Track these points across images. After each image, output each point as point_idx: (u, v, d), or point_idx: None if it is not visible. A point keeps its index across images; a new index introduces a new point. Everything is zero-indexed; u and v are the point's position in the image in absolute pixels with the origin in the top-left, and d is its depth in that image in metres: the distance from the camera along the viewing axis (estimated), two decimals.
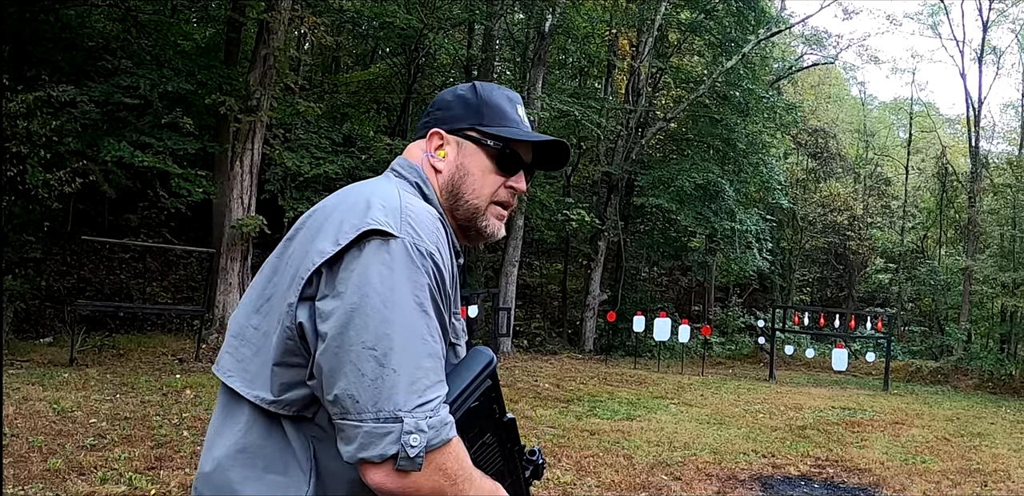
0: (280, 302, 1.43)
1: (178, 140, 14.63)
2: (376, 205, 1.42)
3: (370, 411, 1.29)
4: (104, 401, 8.84)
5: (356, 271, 1.34)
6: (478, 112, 1.67)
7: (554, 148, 1.75)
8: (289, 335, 1.39)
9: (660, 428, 10.35)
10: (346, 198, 1.50)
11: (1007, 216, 25.34)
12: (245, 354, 1.48)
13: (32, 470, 5.92)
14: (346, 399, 1.30)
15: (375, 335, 1.30)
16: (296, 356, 1.39)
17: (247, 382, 1.45)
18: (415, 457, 1.29)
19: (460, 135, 1.66)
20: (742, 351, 26.53)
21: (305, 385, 1.39)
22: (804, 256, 34.54)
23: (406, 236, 1.38)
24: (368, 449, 1.28)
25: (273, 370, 1.41)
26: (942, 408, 15.43)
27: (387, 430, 1.28)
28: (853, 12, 31.69)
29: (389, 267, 1.34)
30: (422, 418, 1.30)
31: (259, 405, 1.42)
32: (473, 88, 1.70)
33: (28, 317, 14.30)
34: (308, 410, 1.40)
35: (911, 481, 8.17)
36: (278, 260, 1.50)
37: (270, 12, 14.18)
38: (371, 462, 1.29)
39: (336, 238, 1.38)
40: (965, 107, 30.37)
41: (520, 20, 24.91)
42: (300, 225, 1.52)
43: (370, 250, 1.35)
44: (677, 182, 22.73)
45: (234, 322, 1.54)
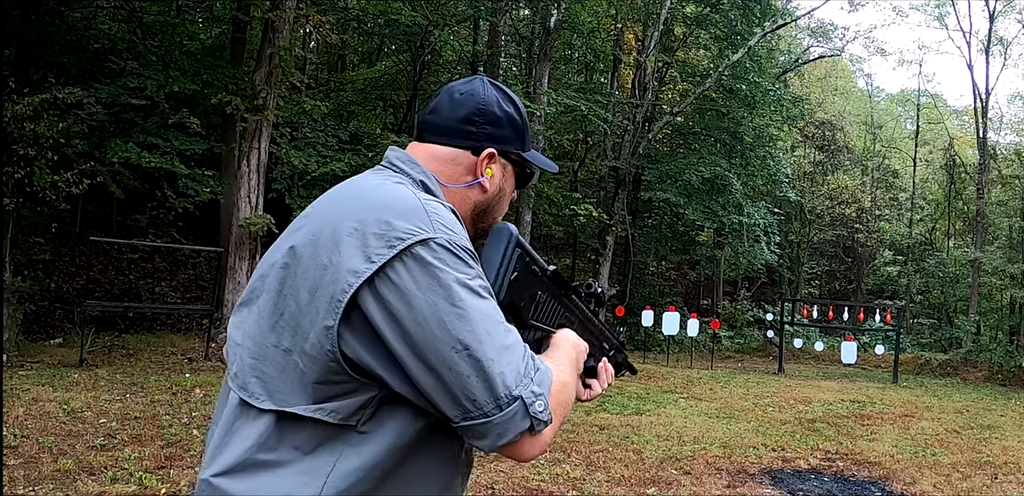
0: (308, 323, 1.39)
1: (185, 140, 14.66)
2: (399, 212, 1.41)
3: (491, 404, 1.33)
4: (114, 401, 8.88)
5: (412, 284, 1.34)
6: (522, 136, 1.72)
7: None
8: (332, 358, 1.36)
9: (669, 422, 10.35)
10: (350, 204, 1.47)
11: (1015, 207, 25.27)
12: (271, 374, 1.43)
13: (42, 471, 5.95)
14: (464, 403, 1.34)
15: (460, 334, 1.33)
16: (339, 375, 1.37)
17: (281, 402, 1.40)
18: (547, 418, 1.38)
19: (505, 156, 1.70)
20: (751, 345, 26.50)
21: (350, 396, 1.38)
22: (812, 249, 34.47)
23: (441, 234, 1.39)
24: (506, 435, 1.35)
25: (314, 387, 1.38)
26: (952, 400, 15.40)
27: (514, 412, 1.34)
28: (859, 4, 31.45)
29: (440, 268, 1.35)
30: (532, 383, 1.37)
31: (292, 412, 1.39)
32: (515, 104, 1.71)
33: (38, 318, 14.36)
34: (352, 418, 1.39)
35: (921, 474, 8.17)
36: (284, 272, 1.46)
37: (275, 11, 14.18)
38: (510, 443, 1.36)
39: (367, 255, 1.36)
40: (972, 98, 30.35)
41: (525, 16, 24.90)
42: (300, 229, 1.49)
43: (415, 259, 1.35)
44: (684, 176, 22.69)
45: (248, 340, 1.49)
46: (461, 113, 1.65)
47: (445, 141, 1.65)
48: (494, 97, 1.67)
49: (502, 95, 1.70)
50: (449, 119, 1.65)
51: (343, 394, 1.38)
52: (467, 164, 1.65)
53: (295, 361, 1.40)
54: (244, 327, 1.51)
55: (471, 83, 1.70)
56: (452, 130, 1.65)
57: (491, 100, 1.67)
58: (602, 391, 1.78)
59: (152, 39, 16.78)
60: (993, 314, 29.40)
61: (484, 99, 1.66)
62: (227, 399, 1.51)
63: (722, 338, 25.80)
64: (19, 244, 13.76)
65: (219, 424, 1.49)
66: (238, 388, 1.47)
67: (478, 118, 1.65)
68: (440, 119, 1.66)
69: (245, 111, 13.99)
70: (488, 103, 1.66)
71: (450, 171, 1.64)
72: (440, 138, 1.66)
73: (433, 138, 1.66)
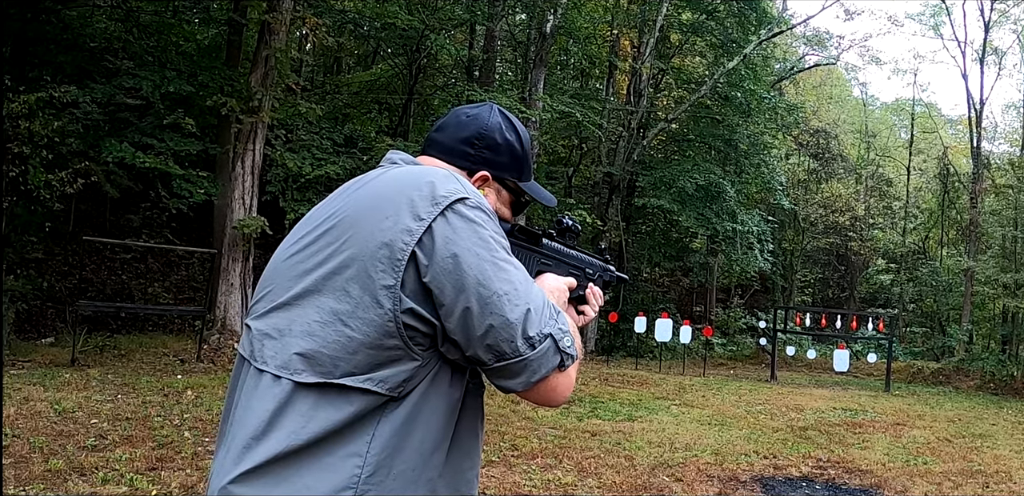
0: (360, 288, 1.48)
1: (180, 141, 14.62)
2: (437, 178, 1.56)
3: (525, 345, 1.47)
4: (105, 402, 8.85)
5: (457, 235, 1.48)
6: (521, 167, 1.83)
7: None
8: (390, 317, 1.46)
9: (661, 429, 10.35)
10: (388, 180, 1.60)
11: (1009, 217, 25.30)
12: (313, 349, 1.49)
13: (33, 471, 5.92)
14: (502, 344, 1.47)
15: (499, 281, 1.47)
16: (394, 338, 1.46)
17: (325, 374, 1.47)
18: (574, 353, 1.55)
19: (501, 182, 1.81)
20: (744, 352, 26.53)
21: (397, 364, 1.47)
22: (806, 257, 34.52)
23: (474, 196, 1.55)
24: (540, 370, 1.50)
25: (366, 353, 1.46)
26: (943, 409, 15.42)
27: (546, 348, 1.49)
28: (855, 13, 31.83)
29: (479, 223, 1.51)
30: (558, 322, 1.53)
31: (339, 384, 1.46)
32: (518, 135, 1.81)
33: (30, 317, 14.30)
34: (397, 389, 1.48)
35: (912, 482, 8.17)
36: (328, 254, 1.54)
37: (271, 13, 14.17)
38: (544, 379, 1.51)
39: (416, 214, 1.49)
40: (967, 108, 30.38)
41: (521, 21, 24.89)
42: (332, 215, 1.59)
43: (458, 215, 1.50)
44: (679, 183, 22.72)
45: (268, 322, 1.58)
46: (463, 134, 1.76)
47: (445, 158, 1.76)
48: (498, 124, 1.78)
49: (507, 124, 1.80)
50: (451, 138, 1.77)
51: (390, 362, 1.47)
52: None
53: (344, 330, 1.47)
54: (274, 317, 1.58)
55: (480, 108, 1.81)
56: (452, 149, 1.76)
57: (494, 127, 1.77)
58: (594, 314, 1.93)
59: (148, 39, 16.77)
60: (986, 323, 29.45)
61: (487, 125, 1.77)
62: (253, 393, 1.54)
63: (715, 345, 25.81)
64: (12, 243, 13.72)
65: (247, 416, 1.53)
66: (277, 368, 1.52)
67: (478, 141, 1.76)
68: (444, 137, 1.78)
69: (240, 113, 13.97)
70: (490, 129, 1.77)
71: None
72: (441, 155, 1.77)
73: (435, 154, 1.78)
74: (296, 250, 1.61)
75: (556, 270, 1.87)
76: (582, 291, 1.91)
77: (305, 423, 1.45)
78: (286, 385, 1.49)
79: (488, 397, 1.57)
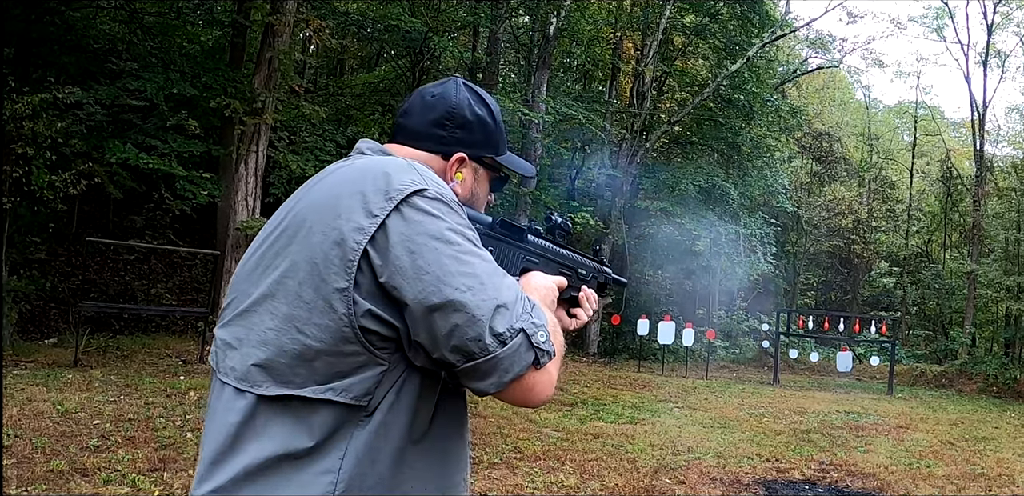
0: (313, 292, 1.39)
1: (183, 142, 14.64)
2: (392, 170, 1.46)
3: (495, 342, 1.35)
4: (108, 402, 8.85)
5: (412, 230, 1.38)
6: (496, 142, 1.72)
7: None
8: (346, 322, 1.37)
9: (664, 432, 10.33)
10: (345, 174, 1.51)
11: (1012, 220, 25.31)
12: (270, 359, 1.42)
13: (35, 471, 5.92)
14: (469, 343, 1.35)
15: (462, 277, 1.36)
16: (352, 344, 1.37)
17: (286, 384, 1.40)
18: (550, 349, 1.42)
19: (477, 161, 1.71)
20: (746, 355, 26.51)
21: (360, 372, 1.38)
22: (808, 260, 34.51)
23: (434, 187, 1.44)
24: (512, 369, 1.38)
25: (324, 361, 1.38)
26: (946, 412, 15.40)
27: (517, 344, 1.37)
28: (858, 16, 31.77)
29: (436, 216, 1.40)
30: (531, 316, 1.41)
31: (301, 396, 1.38)
32: (488, 107, 1.71)
33: (33, 318, 14.31)
34: (364, 398, 1.39)
35: (915, 485, 8.16)
36: (283, 254, 1.46)
37: (275, 15, 14.19)
38: (518, 378, 1.39)
39: (368, 210, 1.39)
40: (970, 111, 30.39)
41: (525, 23, 24.92)
42: (289, 213, 1.51)
43: (413, 208, 1.40)
44: (681, 185, 22.75)
45: (230, 333, 1.51)
46: (431, 116, 1.65)
47: (415, 144, 1.66)
48: (466, 100, 1.67)
49: (475, 97, 1.69)
50: (420, 123, 1.66)
51: (353, 369, 1.38)
52: (437, 168, 1.64)
53: (299, 338, 1.39)
54: (234, 325, 1.50)
55: (444, 85, 1.70)
56: (422, 134, 1.66)
57: (462, 103, 1.67)
58: (588, 318, 1.82)
59: (152, 41, 16.79)
60: (988, 326, 29.44)
61: (455, 102, 1.66)
62: (219, 406, 1.49)
63: (717, 348, 25.78)
64: (15, 243, 13.73)
65: (215, 429, 1.47)
66: (237, 381, 1.45)
67: (448, 122, 1.65)
68: (411, 122, 1.67)
69: (243, 114, 13.98)
70: (459, 106, 1.66)
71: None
72: (411, 141, 1.66)
73: (404, 141, 1.67)
74: (258, 253, 1.52)
75: (544, 269, 1.76)
76: (574, 292, 1.83)
77: (271, 438, 1.39)
78: (250, 398, 1.42)
79: (490, 399, 1.49)
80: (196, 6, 19.60)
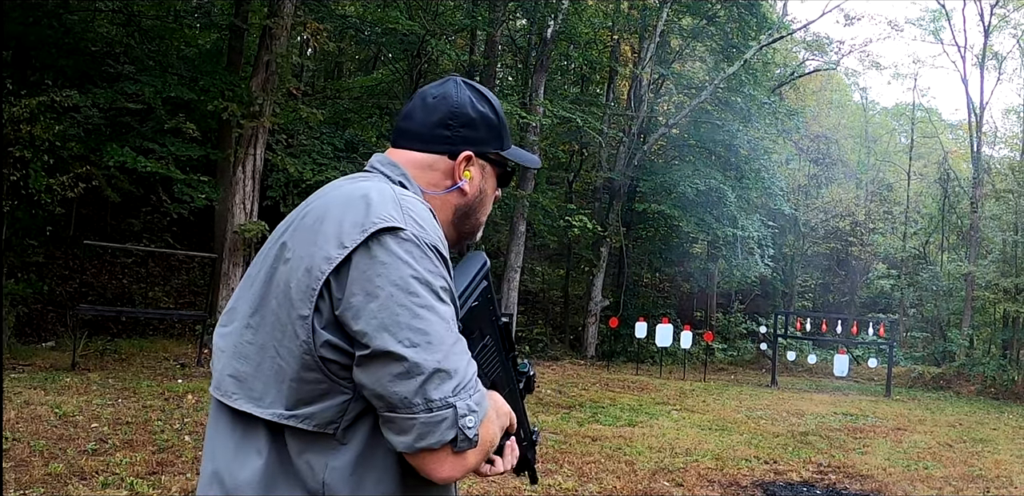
0: (284, 314, 1.39)
1: (181, 146, 14.65)
2: (375, 201, 1.41)
3: (421, 405, 1.30)
4: (106, 406, 8.84)
5: (373, 270, 1.34)
6: (500, 136, 1.69)
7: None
8: (306, 350, 1.35)
9: (662, 434, 10.34)
10: (337, 196, 1.48)
11: (1009, 221, 25.33)
12: (246, 372, 1.43)
13: (33, 474, 5.92)
14: (394, 397, 1.31)
15: (410, 331, 1.31)
16: (313, 371, 1.36)
17: (255, 401, 1.41)
18: (473, 437, 1.34)
19: (483, 157, 1.68)
20: (744, 357, 26.51)
21: (324, 399, 1.37)
22: (806, 262, 34.50)
23: (411, 228, 1.39)
24: (427, 438, 1.31)
25: (289, 385, 1.37)
26: (944, 414, 15.41)
27: (442, 417, 1.31)
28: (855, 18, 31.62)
29: (404, 260, 1.35)
30: (468, 398, 1.34)
31: (276, 422, 1.38)
32: (490, 103, 1.68)
33: (30, 321, 14.30)
34: (330, 426, 1.37)
35: (913, 487, 8.16)
36: (270, 271, 1.46)
37: (273, 18, 14.20)
38: (430, 450, 1.32)
39: (340, 240, 1.37)
40: (967, 112, 30.36)
41: (522, 26, 24.92)
42: (289, 227, 1.49)
43: (382, 247, 1.35)
44: (679, 188, 22.74)
45: (225, 341, 1.50)
46: (435, 118, 1.63)
47: (421, 147, 1.63)
48: (467, 98, 1.65)
49: (476, 95, 1.67)
50: (423, 124, 1.63)
51: (317, 397, 1.37)
52: (444, 169, 1.63)
53: (272, 357, 1.40)
54: (226, 332, 1.51)
55: (444, 86, 1.67)
56: (426, 136, 1.63)
57: (464, 102, 1.64)
58: (503, 471, 1.61)
59: (150, 44, 16.81)
60: (986, 328, 29.43)
61: (457, 102, 1.64)
62: (211, 413, 1.51)
63: (715, 350, 25.79)
64: (13, 246, 13.73)
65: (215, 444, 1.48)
66: (216, 391, 1.48)
67: (452, 122, 1.63)
68: (414, 125, 1.64)
69: (241, 117, 13.99)
70: (461, 105, 1.63)
71: (428, 177, 1.63)
72: (415, 144, 1.64)
73: (408, 144, 1.65)
74: (258, 263, 1.52)
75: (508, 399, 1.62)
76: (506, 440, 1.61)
77: (251, 463, 1.39)
78: (228, 413, 1.44)
79: None
80: (194, 9, 19.61)
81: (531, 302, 26.50)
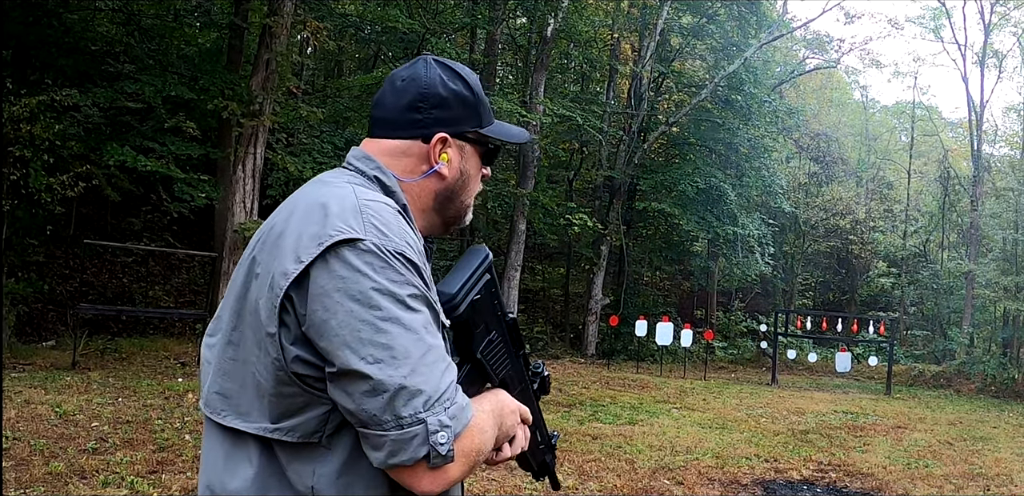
0: (256, 331, 1.36)
1: (181, 145, 14.65)
2: (333, 211, 1.36)
3: (391, 422, 1.27)
4: (106, 405, 8.85)
5: (332, 285, 1.30)
6: (477, 113, 1.62)
7: None
8: (279, 366, 1.33)
9: (662, 432, 10.34)
10: (299, 206, 1.43)
11: (1009, 220, 25.31)
12: (232, 389, 1.41)
13: (34, 473, 5.92)
14: (363, 414, 1.28)
15: (373, 346, 1.27)
16: (290, 386, 1.34)
17: (242, 416, 1.39)
18: (447, 453, 1.29)
19: (461, 137, 1.61)
20: (744, 355, 26.51)
21: (305, 411, 1.34)
22: (806, 260, 34.48)
23: (372, 237, 1.33)
24: (398, 455, 1.28)
25: (269, 400, 1.35)
26: (944, 412, 15.41)
27: (413, 434, 1.27)
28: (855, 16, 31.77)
29: (363, 273, 1.30)
30: (442, 412, 1.29)
31: (263, 436, 1.36)
32: (464, 80, 1.61)
33: (31, 320, 14.30)
34: (315, 436, 1.35)
35: (913, 485, 8.17)
36: (243, 286, 1.42)
37: (272, 17, 14.18)
38: (404, 466, 1.29)
39: (297, 255, 1.32)
40: (967, 111, 30.37)
41: (522, 25, 24.91)
42: (259, 240, 1.45)
43: (340, 260, 1.31)
44: (679, 186, 22.75)
45: (211, 354, 1.47)
46: (404, 102, 1.56)
47: (393, 134, 1.58)
48: (438, 77, 1.57)
49: (447, 73, 1.59)
50: (393, 110, 1.58)
51: (298, 409, 1.35)
52: (419, 153, 1.57)
53: (252, 373, 1.37)
54: (212, 344, 1.49)
55: (413, 67, 1.61)
56: (397, 121, 1.57)
57: (434, 82, 1.57)
58: (510, 456, 1.57)
59: (149, 43, 16.79)
60: (986, 326, 29.41)
61: (426, 82, 1.57)
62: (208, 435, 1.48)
63: (716, 349, 25.79)
64: (13, 246, 13.73)
65: (209, 458, 1.46)
66: (205, 407, 1.46)
67: (422, 104, 1.56)
68: (385, 112, 1.59)
69: (241, 116, 13.97)
70: (431, 86, 1.56)
71: (403, 164, 1.57)
72: (388, 132, 1.58)
73: (382, 133, 1.59)
74: (238, 270, 1.47)
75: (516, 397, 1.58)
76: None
77: (241, 472, 1.38)
78: (218, 428, 1.43)
79: None
80: (194, 8, 19.59)
81: (531, 300, 26.50)
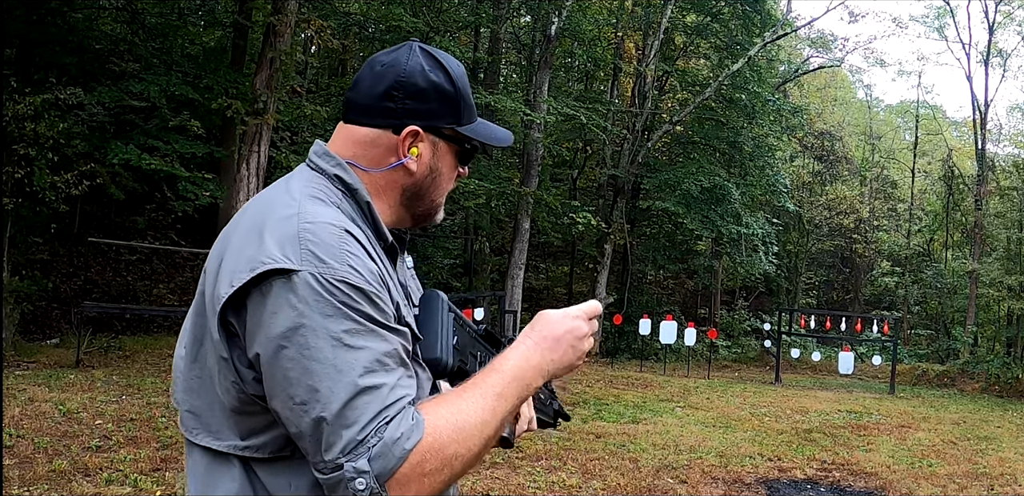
0: (213, 353, 1.33)
1: (185, 143, 14.65)
2: (268, 235, 1.29)
3: (321, 464, 1.21)
4: (110, 402, 8.86)
5: (264, 321, 1.24)
6: (456, 109, 1.51)
7: None
8: (238, 389, 1.30)
9: (666, 431, 10.34)
10: (244, 225, 1.37)
11: (1013, 219, 25.29)
12: (200, 407, 1.38)
13: (37, 471, 5.93)
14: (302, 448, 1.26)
15: (301, 389, 1.22)
16: (251, 405, 1.31)
17: (214, 434, 1.36)
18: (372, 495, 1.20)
19: (436, 133, 1.51)
20: (748, 354, 26.48)
21: (272, 429, 1.32)
22: (810, 259, 34.47)
23: (308, 267, 1.25)
24: (336, 490, 1.22)
25: (236, 419, 1.33)
26: (948, 412, 15.39)
27: (336, 479, 1.20)
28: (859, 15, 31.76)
29: (296, 308, 1.23)
30: (363, 454, 1.19)
31: (236, 454, 1.34)
32: (446, 72, 1.50)
33: (35, 318, 14.33)
34: (286, 449, 1.32)
35: (917, 485, 8.16)
36: (200, 303, 1.38)
37: (276, 15, 14.18)
38: None
39: (230, 278, 1.27)
40: (971, 110, 30.39)
41: (526, 23, 24.93)
42: (213, 255, 1.39)
43: (272, 294, 1.24)
44: (683, 185, 22.72)
45: (180, 364, 1.44)
46: (380, 88, 1.46)
47: (364, 121, 1.48)
48: (419, 66, 1.47)
49: (431, 62, 1.49)
50: (368, 96, 1.47)
51: (265, 426, 1.32)
52: (388, 145, 1.47)
53: (216, 393, 1.34)
54: (179, 365, 1.45)
55: (396, 52, 1.50)
56: (370, 108, 1.47)
57: (414, 70, 1.46)
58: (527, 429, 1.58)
59: (153, 41, 16.80)
60: (990, 325, 29.39)
61: (406, 69, 1.46)
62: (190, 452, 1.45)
63: (719, 348, 25.78)
64: (17, 244, 13.74)
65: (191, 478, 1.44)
66: (183, 428, 1.43)
67: (397, 92, 1.45)
68: (359, 96, 1.48)
69: (245, 115, 13.98)
70: (410, 74, 1.46)
71: (371, 154, 1.48)
72: (359, 118, 1.49)
73: (354, 118, 1.50)
74: (200, 284, 1.41)
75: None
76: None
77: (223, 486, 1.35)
78: (195, 446, 1.39)
79: None
80: (197, 7, 19.62)
81: (535, 299, 26.49)
